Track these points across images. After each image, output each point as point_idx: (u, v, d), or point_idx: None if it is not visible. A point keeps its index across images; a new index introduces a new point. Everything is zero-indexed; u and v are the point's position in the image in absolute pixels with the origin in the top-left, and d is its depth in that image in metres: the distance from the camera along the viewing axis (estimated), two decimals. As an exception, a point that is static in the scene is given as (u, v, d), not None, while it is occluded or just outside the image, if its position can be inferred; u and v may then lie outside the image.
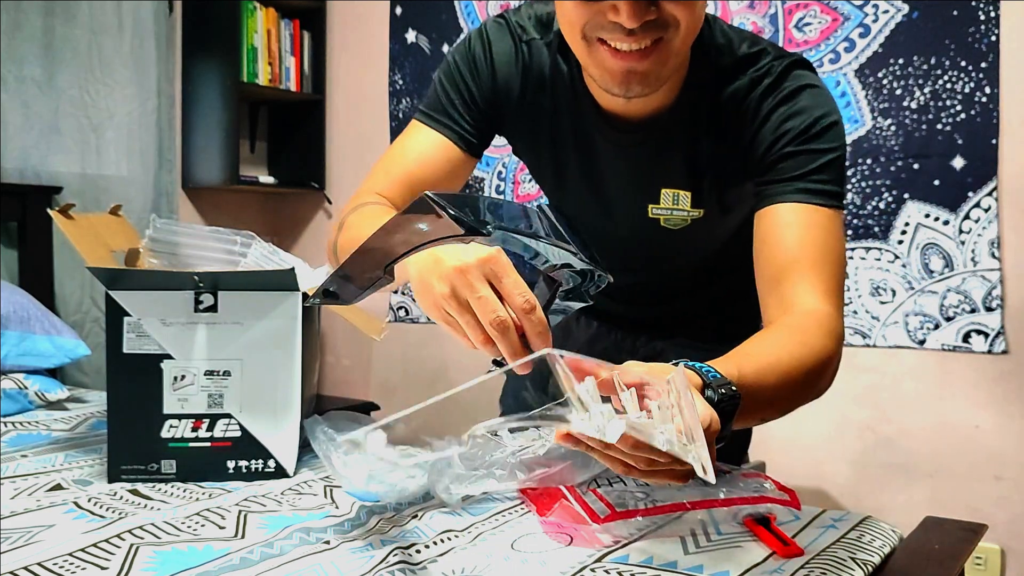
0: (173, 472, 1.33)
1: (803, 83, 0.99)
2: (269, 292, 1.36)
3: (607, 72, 0.92)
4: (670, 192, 1.05)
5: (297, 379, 1.37)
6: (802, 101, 0.98)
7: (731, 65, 1.01)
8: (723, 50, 1.01)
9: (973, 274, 2.17)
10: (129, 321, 1.33)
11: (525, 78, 1.08)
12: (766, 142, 0.99)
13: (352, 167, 3.24)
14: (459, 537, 1.09)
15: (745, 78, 1.00)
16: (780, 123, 0.98)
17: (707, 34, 1.01)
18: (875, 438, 2.32)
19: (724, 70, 1.01)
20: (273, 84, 3.08)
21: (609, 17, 0.86)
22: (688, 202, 1.05)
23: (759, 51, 1.02)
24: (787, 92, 0.98)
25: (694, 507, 1.15)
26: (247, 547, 1.04)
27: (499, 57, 1.08)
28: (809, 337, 0.88)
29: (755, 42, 1.04)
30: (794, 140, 0.98)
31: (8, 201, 2.46)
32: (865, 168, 2.30)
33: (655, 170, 1.05)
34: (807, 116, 0.98)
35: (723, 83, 1.01)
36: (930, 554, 1.10)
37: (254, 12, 3.01)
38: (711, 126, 1.02)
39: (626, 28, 0.86)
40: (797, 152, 0.98)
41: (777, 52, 1.03)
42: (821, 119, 0.98)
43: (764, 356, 0.84)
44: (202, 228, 1.55)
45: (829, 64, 2.33)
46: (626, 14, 0.84)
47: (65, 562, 0.98)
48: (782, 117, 0.98)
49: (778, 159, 0.98)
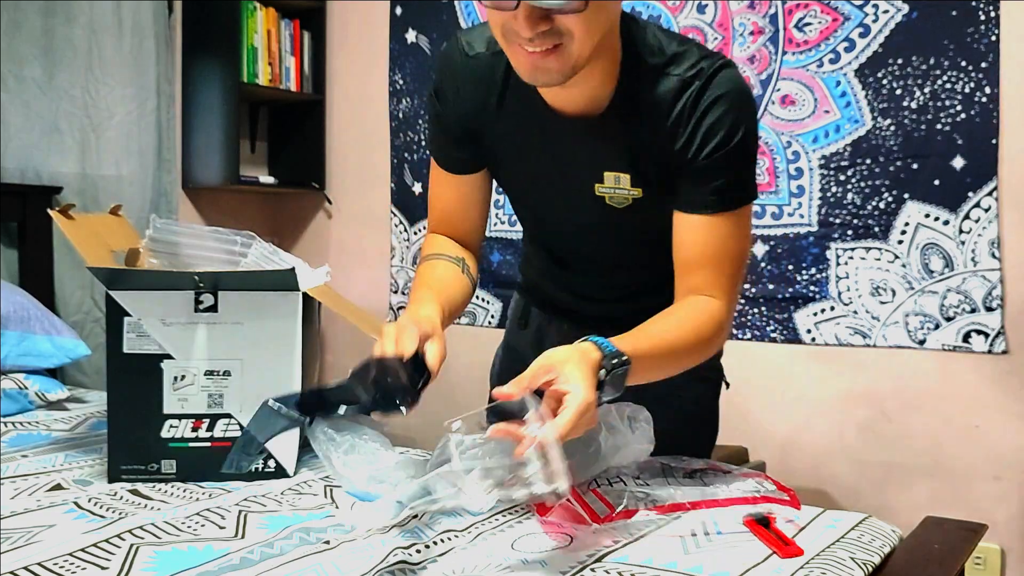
0: (173, 472, 1.33)
1: (727, 89, 1.12)
2: (269, 292, 1.36)
3: (520, 66, 1.07)
4: (612, 174, 1.18)
5: (297, 379, 1.37)
6: (724, 110, 1.12)
7: (661, 64, 1.13)
8: (654, 50, 1.14)
9: (973, 274, 2.17)
10: (129, 321, 1.33)
11: (477, 90, 1.22)
12: (693, 146, 1.12)
13: (352, 167, 3.24)
14: (459, 537, 1.09)
15: (675, 78, 1.13)
16: (706, 132, 1.12)
17: (639, 36, 1.14)
18: (875, 438, 2.32)
19: (655, 68, 1.13)
20: (273, 84, 3.08)
21: (514, 25, 1.01)
22: (628, 182, 1.18)
23: (686, 51, 1.14)
24: (712, 99, 1.11)
25: (694, 507, 1.15)
26: (247, 547, 1.04)
27: (455, 79, 1.24)
28: (699, 325, 1.13)
29: (683, 42, 1.16)
30: (714, 151, 1.12)
31: (8, 201, 2.46)
32: (865, 168, 2.30)
33: (598, 155, 1.18)
34: (727, 129, 1.12)
35: (655, 80, 1.13)
36: (930, 554, 1.10)
37: (254, 12, 3.01)
38: (645, 118, 1.14)
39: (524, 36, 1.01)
40: (714, 164, 1.12)
41: (702, 53, 1.15)
42: (739, 130, 1.12)
43: (659, 335, 1.09)
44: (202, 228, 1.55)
45: (829, 64, 2.34)
46: (522, 25, 0.99)
47: (65, 562, 0.98)
48: (707, 127, 1.12)
49: (700, 165, 1.13)
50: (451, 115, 1.26)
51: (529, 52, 1.03)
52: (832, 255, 2.35)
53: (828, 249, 2.35)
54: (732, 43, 2.47)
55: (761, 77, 2.42)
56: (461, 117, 1.25)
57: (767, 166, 2.42)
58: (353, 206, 3.24)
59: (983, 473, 2.19)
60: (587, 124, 1.16)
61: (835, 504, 2.31)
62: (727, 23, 2.47)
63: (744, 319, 2.48)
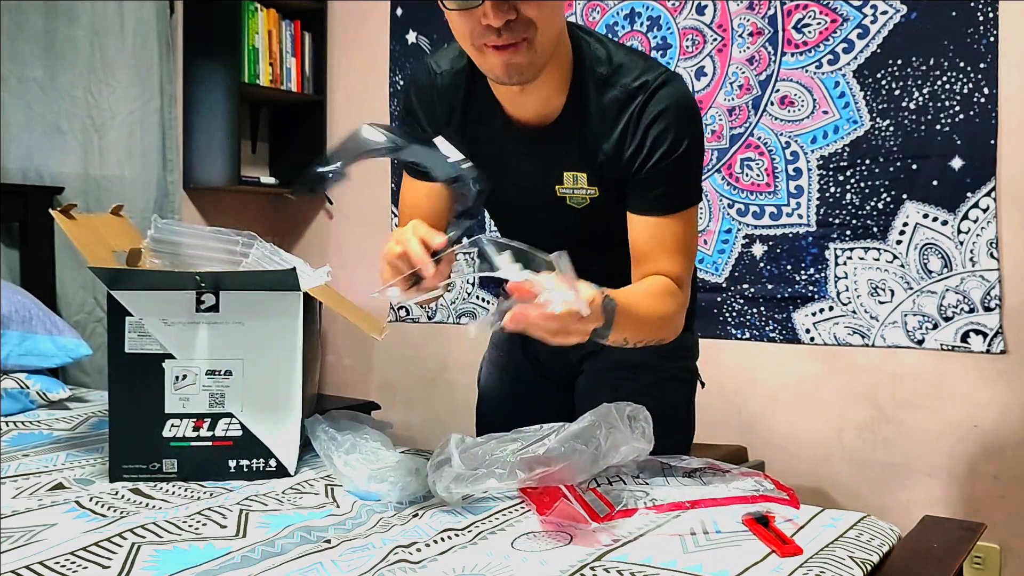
0: (175, 471, 1.33)
1: (669, 103, 1.20)
2: (270, 292, 1.36)
3: (493, 68, 1.15)
4: (570, 174, 1.27)
5: (298, 378, 1.38)
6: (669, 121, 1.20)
7: (608, 74, 1.22)
8: (601, 60, 1.22)
9: (972, 274, 2.18)
10: (131, 321, 1.33)
11: (442, 105, 1.31)
12: (641, 155, 1.21)
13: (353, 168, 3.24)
14: (459, 536, 1.09)
15: (621, 88, 1.21)
16: (652, 143, 1.20)
17: (587, 48, 1.23)
18: (874, 438, 2.33)
19: (603, 78, 1.22)
20: (274, 85, 3.09)
21: (482, 23, 1.10)
22: (585, 181, 1.27)
23: (631, 63, 1.22)
24: (658, 111, 1.19)
25: (693, 506, 1.16)
26: (248, 546, 1.05)
27: (422, 96, 1.33)
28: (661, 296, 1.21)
29: (628, 52, 1.25)
30: (660, 159, 1.20)
31: (10, 201, 2.47)
32: (864, 168, 2.30)
33: (555, 157, 1.27)
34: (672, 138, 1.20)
35: (602, 89, 1.22)
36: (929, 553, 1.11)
37: (255, 13, 3.01)
38: (595, 124, 1.23)
39: (495, 28, 1.09)
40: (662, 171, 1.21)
41: (647, 65, 1.23)
42: (683, 140, 1.20)
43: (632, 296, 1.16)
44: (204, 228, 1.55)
45: (828, 65, 2.34)
46: (491, 15, 1.08)
47: (67, 561, 0.99)
48: (653, 138, 1.20)
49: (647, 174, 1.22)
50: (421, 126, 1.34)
51: (499, 50, 1.12)
52: (831, 255, 2.35)
53: (827, 249, 2.36)
54: (731, 44, 2.47)
55: (760, 78, 2.43)
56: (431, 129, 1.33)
57: (766, 166, 2.43)
58: (353, 206, 3.24)
59: (982, 473, 2.19)
60: (544, 130, 1.25)
61: (834, 503, 2.32)
62: (726, 24, 2.48)
63: (743, 319, 2.48)
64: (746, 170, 2.46)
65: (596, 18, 2.69)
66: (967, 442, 2.21)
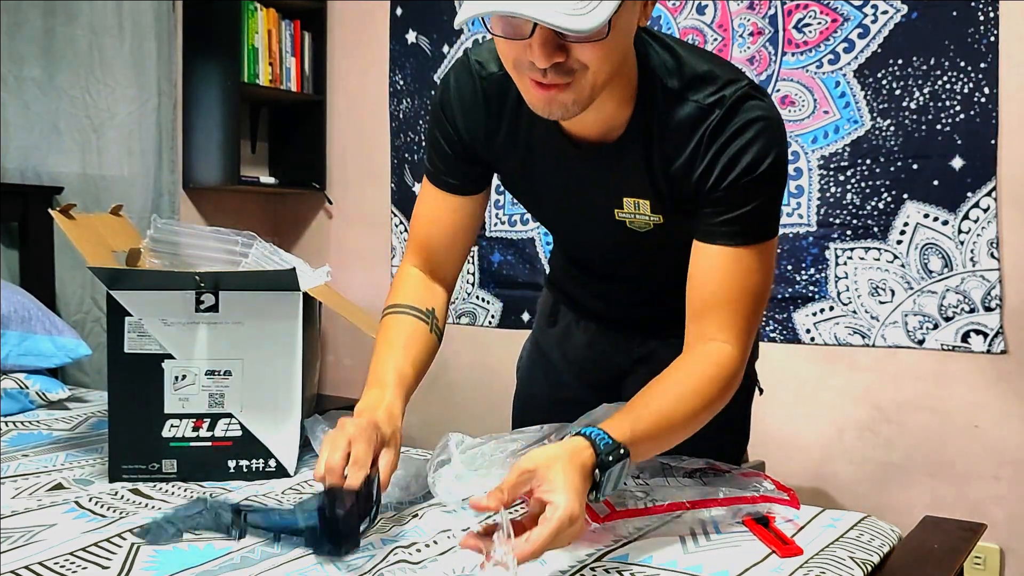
0: (174, 471, 1.33)
1: (752, 116, 1.05)
2: (270, 292, 1.36)
3: (532, 101, 1.01)
4: (631, 200, 1.14)
5: (298, 379, 1.38)
6: (749, 139, 1.04)
7: (680, 88, 1.07)
8: (671, 71, 1.08)
9: (972, 274, 2.18)
10: (130, 321, 1.33)
11: (489, 113, 1.17)
12: (713, 175, 1.06)
13: (353, 167, 3.24)
14: (459, 537, 1.09)
15: (694, 104, 1.06)
16: (727, 161, 1.05)
17: (656, 56, 1.08)
18: (874, 438, 2.33)
19: (673, 92, 1.07)
20: (274, 85, 3.08)
21: (527, 56, 0.96)
22: (648, 208, 1.14)
23: (707, 74, 1.07)
24: (736, 128, 1.05)
25: (694, 507, 1.16)
26: (248, 546, 1.05)
27: (463, 101, 1.18)
28: (703, 384, 1.06)
29: (706, 61, 1.09)
30: (737, 179, 1.05)
31: (9, 201, 2.46)
32: (864, 168, 2.30)
33: (615, 181, 1.14)
34: (752, 157, 1.04)
35: (672, 105, 1.07)
36: (929, 553, 1.10)
37: (255, 13, 3.01)
38: (663, 145, 1.09)
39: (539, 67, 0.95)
40: (738, 192, 1.06)
41: (728, 76, 1.07)
42: (765, 159, 1.05)
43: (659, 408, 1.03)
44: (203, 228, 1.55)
45: (828, 65, 2.34)
46: (537, 53, 0.94)
47: (66, 561, 0.98)
48: (729, 156, 1.05)
49: (721, 194, 1.06)
50: (459, 134, 1.21)
51: (543, 86, 0.98)
52: (831, 255, 2.35)
53: (827, 249, 2.35)
54: (732, 44, 2.47)
55: (761, 78, 2.42)
56: (470, 137, 1.20)
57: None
58: (353, 206, 3.24)
59: (982, 473, 2.19)
60: (604, 150, 1.11)
61: (834, 504, 2.31)
62: (727, 24, 2.47)
63: (744, 319, 2.48)
64: (746, 170, 2.46)
65: (596, 18, 2.69)
66: (967, 442, 2.21)
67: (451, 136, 1.21)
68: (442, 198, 1.26)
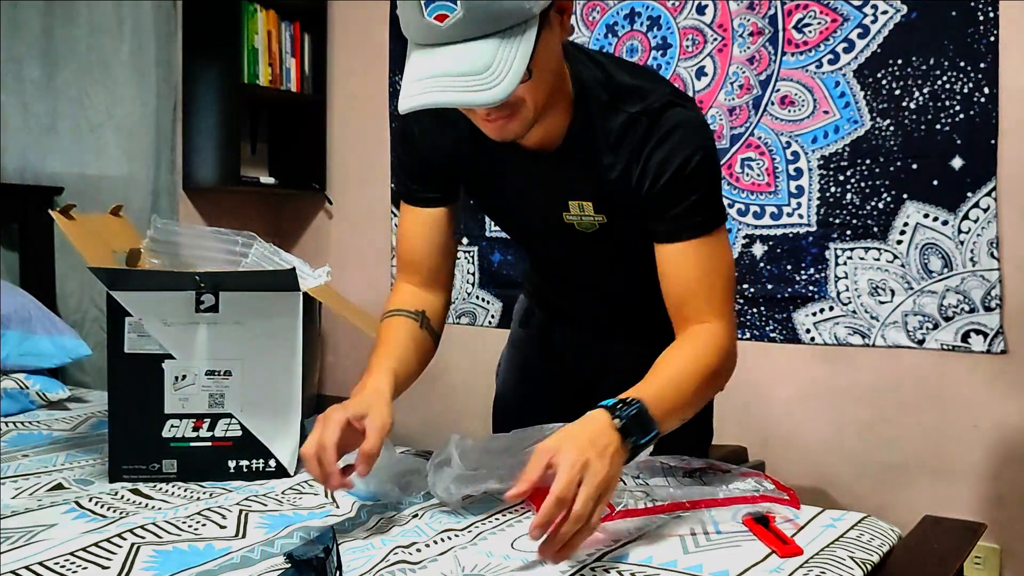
0: (174, 472, 1.33)
1: (675, 122, 1.15)
2: (270, 292, 1.36)
3: (485, 130, 1.13)
4: (575, 202, 1.23)
5: (298, 379, 1.38)
6: (676, 143, 1.15)
7: (610, 99, 1.17)
8: (602, 84, 1.18)
9: (972, 274, 2.18)
10: (130, 321, 1.33)
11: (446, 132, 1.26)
12: (648, 178, 1.16)
13: (353, 168, 3.24)
14: (459, 536, 1.09)
15: (625, 113, 1.16)
16: (660, 166, 1.15)
17: (586, 72, 1.18)
18: (874, 438, 2.33)
19: (604, 103, 1.17)
20: (274, 85, 3.08)
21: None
22: (592, 209, 1.22)
23: (634, 85, 1.18)
24: (662, 134, 1.15)
25: (694, 506, 1.16)
26: (248, 546, 1.05)
27: (422, 124, 1.27)
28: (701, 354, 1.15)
29: (634, 75, 1.20)
30: (672, 180, 1.15)
31: (9, 202, 2.46)
32: (864, 168, 2.30)
33: (561, 186, 1.24)
34: (681, 158, 1.14)
35: (605, 115, 1.18)
36: (929, 553, 1.11)
37: (255, 13, 3.01)
38: (600, 150, 1.19)
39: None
40: (676, 191, 1.16)
41: (651, 87, 1.18)
42: (692, 159, 1.15)
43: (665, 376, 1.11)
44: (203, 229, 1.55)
45: (828, 65, 2.34)
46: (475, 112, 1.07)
47: (66, 561, 0.98)
48: (660, 160, 1.15)
49: (661, 195, 1.16)
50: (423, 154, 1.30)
51: (487, 121, 1.09)
52: (831, 255, 2.35)
53: (827, 249, 2.36)
54: (732, 44, 2.47)
55: (760, 78, 2.43)
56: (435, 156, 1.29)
57: (766, 166, 2.43)
58: (353, 206, 3.24)
59: (982, 472, 2.19)
60: (548, 157, 1.21)
61: (834, 503, 2.31)
62: (727, 24, 2.47)
63: (743, 319, 2.48)
64: (747, 170, 2.46)
65: (596, 18, 2.69)
66: (967, 442, 2.21)
67: (417, 156, 1.31)
68: (417, 215, 1.34)
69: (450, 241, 1.37)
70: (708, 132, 1.20)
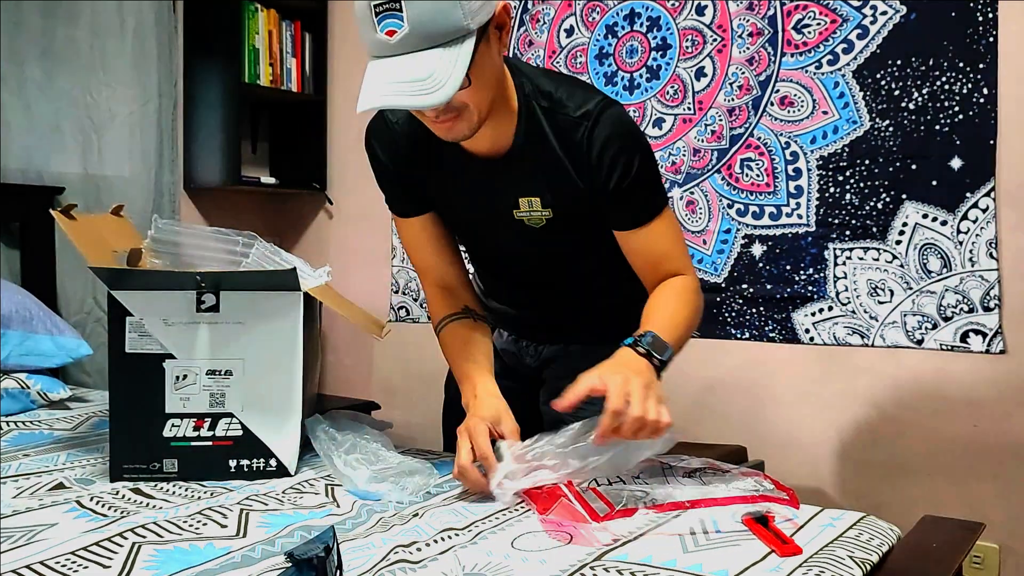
0: (175, 471, 1.34)
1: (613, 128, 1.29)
2: (271, 292, 1.37)
3: (435, 131, 1.25)
4: (525, 199, 1.36)
5: (299, 378, 1.38)
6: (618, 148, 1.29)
7: (550, 107, 1.31)
8: (542, 94, 1.31)
9: (971, 274, 2.18)
10: (131, 321, 1.33)
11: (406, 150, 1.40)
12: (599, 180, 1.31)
13: (353, 168, 3.24)
14: (460, 535, 1.10)
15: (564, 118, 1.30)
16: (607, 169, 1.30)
17: (526, 84, 1.31)
18: (874, 438, 2.33)
19: (546, 111, 1.31)
20: (275, 85, 3.08)
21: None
22: (539, 204, 1.36)
23: (571, 94, 1.31)
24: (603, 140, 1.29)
25: (693, 506, 1.16)
26: (249, 545, 1.05)
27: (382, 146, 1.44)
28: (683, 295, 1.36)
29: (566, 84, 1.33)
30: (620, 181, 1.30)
31: (10, 201, 2.47)
32: (863, 168, 2.30)
33: (511, 184, 1.36)
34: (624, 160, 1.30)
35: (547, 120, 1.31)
36: (928, 553, 1.11)
37: (255, 14, 3.01)
38: (544, 152, 1.32)
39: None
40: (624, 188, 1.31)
41: (586, 94, 1.31)
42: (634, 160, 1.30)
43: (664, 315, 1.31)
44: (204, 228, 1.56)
45: (828, 65, 2.34)
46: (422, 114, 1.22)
47: (67, 560, 0.99)
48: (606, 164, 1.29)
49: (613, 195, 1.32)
50: (392, 172, 1.44)
51: (435, 122, 1.22)
52: (830, 255, 2.36)
53: (826, 249, 2.36)
54: (731, 44, 2.47)
55: (760, 78, 2.43)
56: (402, 171, 1.43)
57: (766, 167, 2.43)
58: (354, 206, 3.24)
59: (982, 472, 2.19)
60: (498, 161, 1.34)
61: (833, 503, 2.32)
62: (726, 24, 2.48)
63: (742, 319, 2.48)
64: (746, 170, 2.46)
65: (596, 18, 2.69)
66: (967, 442, 2.21)
67: (389, 173, 1.44)
68: (412, 225, 1.47)
69: (451, 239, 1.50)
70: (639, 132, 1.36)
